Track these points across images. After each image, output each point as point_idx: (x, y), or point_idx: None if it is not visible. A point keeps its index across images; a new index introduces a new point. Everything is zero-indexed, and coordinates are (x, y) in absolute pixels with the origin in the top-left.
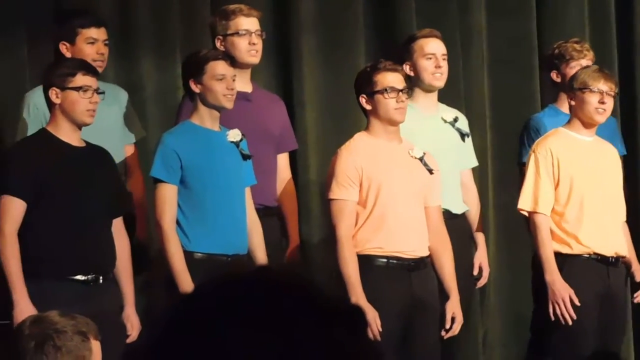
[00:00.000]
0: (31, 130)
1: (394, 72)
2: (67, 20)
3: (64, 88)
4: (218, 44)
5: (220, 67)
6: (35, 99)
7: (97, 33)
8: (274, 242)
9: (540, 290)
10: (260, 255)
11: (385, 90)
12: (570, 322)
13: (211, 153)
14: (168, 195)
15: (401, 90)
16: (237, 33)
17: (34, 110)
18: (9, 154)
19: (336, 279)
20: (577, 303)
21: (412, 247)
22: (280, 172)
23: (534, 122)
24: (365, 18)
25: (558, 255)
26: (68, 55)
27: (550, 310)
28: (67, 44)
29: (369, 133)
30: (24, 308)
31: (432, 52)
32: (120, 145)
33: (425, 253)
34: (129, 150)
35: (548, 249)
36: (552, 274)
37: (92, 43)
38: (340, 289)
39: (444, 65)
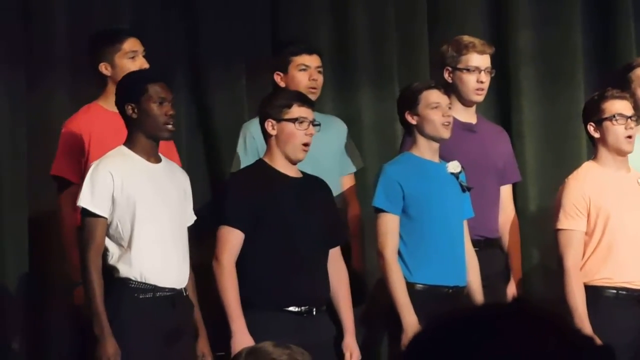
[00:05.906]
0: (246, 160)
1: (622, 99)
2: (281, 49)
3: (279, 119)
4: (446, 75)
5: (434, 95)
6: (252, 129)
7: (310, 60)
8: (495, 274)
9: None
10: (476, 288)
11: (614, 117)
12: None
13: (431, 184)
14: (390, 226)
15: (630, 117)
16: (466, 69)
17: (250, 140)
18: (227, 185)
19: (560, 310)
20: None
21: None
22: (503, 204)
23: None
24: (584, 48)
25: None
26: (282, 84)
27: None
28: (281, 74)
29: (597, 162)
30: (241, 339)
31: None
32: (336, 177)
33: None
34: (346, 181)
35: None
36: None
37: (304, 70)
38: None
39: None
